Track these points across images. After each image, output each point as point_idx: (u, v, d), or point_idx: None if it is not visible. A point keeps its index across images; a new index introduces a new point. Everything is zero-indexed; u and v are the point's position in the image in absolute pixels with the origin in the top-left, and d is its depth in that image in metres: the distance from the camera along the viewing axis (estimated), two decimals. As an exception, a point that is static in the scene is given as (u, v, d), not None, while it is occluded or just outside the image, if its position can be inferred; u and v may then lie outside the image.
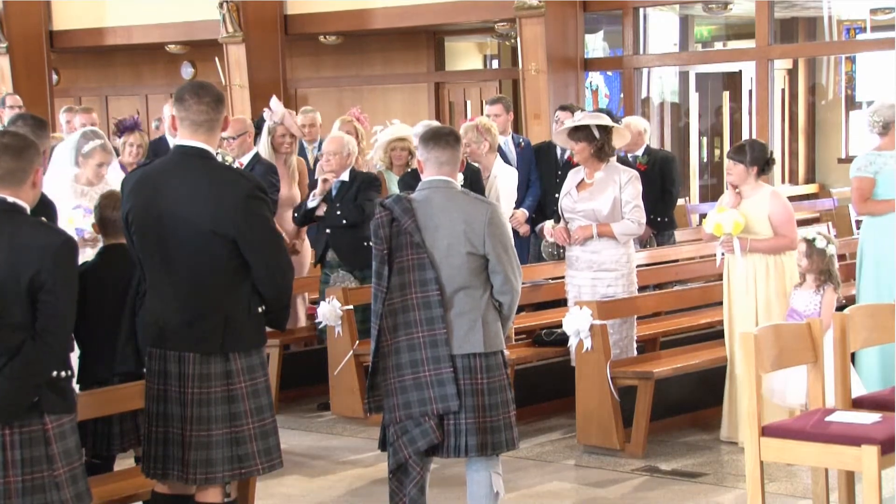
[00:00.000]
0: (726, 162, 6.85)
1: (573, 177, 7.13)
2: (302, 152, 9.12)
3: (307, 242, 8.43)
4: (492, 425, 4.78)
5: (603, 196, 6.92)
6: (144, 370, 4.56)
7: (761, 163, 6.69)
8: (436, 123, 7.50)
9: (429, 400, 4.71)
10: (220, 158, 4.83)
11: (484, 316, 4.78)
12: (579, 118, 7.21)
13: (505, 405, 4.84)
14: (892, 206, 6.96)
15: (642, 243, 8.84)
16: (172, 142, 9.20)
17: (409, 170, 7.96)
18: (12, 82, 15.30)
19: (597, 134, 6.90)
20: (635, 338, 7.19)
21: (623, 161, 8.04)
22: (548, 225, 7.20)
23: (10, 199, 3.95)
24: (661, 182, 8.97)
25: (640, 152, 9.00)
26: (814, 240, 6.33)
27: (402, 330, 4.77)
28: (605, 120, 7.05)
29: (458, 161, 4.97)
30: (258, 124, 8.80)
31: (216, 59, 14.16)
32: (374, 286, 4.87)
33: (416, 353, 4.74)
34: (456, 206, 4.82)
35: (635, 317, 7.20)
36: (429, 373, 4.72)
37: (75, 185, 6.66)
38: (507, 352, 5.05)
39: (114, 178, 6.68)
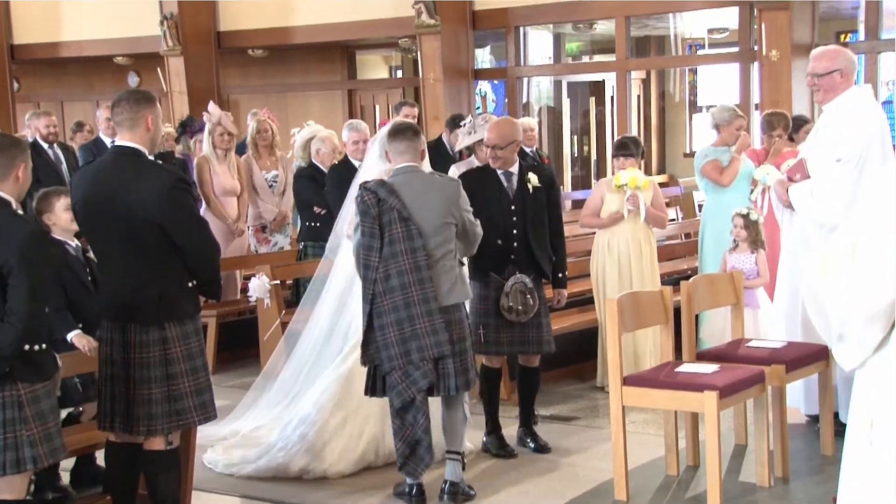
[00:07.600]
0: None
1: None
2: (244, 149, 8.84)
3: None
4: (465, 366, 4.90)
5: None
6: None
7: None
8: (353, 121, 7.11)
9: (426, 347, 4.76)
10: None
11: (459, 273, 4.92)
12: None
13: (470, 349, 4.98)
14: (738, 164, 7.14)
15: None
16: (106, 140, 9.12)
17: (336, 162, 7.55)
18: (-23, 90, 14.81)
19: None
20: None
21: (524, 155, 7.77)
22: None
23: None
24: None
25: (534, 147, 8.88)
26: (748, 213, 6.55)
27: (398, 291, 4.75)
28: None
29: (417, 150, 4.93)
30: (186, 123, 8.53)
31: (158, 69, 13.86)
32: (364, 257, 4.81)
33: (412, 309, 4.75)
34: (434, 185, 4.88)
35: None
36: (424, 325, 4.75)
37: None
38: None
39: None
